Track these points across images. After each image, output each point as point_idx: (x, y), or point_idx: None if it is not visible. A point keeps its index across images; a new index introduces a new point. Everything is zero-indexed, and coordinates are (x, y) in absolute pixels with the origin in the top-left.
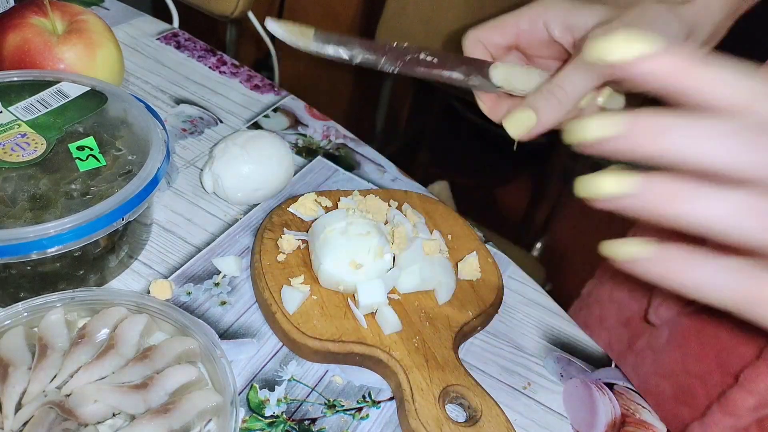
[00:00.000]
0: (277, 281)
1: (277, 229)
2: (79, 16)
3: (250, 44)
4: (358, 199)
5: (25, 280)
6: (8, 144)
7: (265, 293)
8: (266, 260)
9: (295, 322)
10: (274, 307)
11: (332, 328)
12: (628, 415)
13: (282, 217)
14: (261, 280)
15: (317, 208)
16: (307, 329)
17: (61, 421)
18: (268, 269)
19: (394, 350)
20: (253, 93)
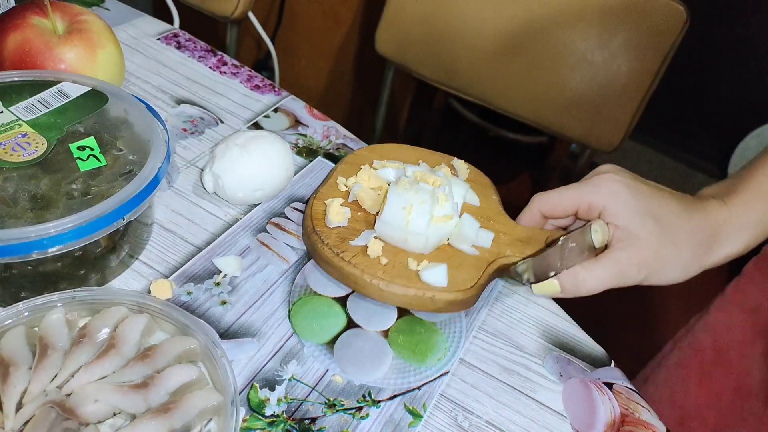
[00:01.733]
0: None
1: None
2: (79, 17)
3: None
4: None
5: (26, 279)
6: (9, 144)
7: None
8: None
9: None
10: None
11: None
12: (627, 414)
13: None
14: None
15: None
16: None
17: (62, 420)
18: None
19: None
20: (254, 93)
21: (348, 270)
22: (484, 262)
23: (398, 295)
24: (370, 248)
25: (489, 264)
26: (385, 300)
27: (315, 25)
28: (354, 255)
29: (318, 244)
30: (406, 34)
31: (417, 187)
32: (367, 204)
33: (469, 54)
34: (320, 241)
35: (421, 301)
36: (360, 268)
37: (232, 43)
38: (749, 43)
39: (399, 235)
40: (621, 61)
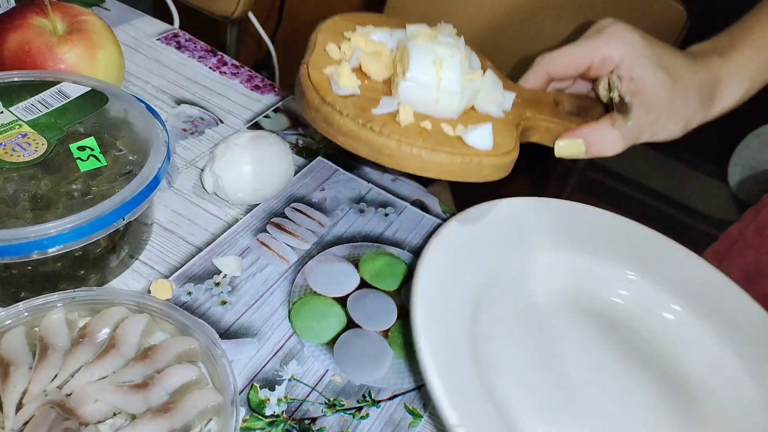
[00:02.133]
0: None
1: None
2: (79, 17)
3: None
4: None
5: (26, 279)
6: (9, 144)
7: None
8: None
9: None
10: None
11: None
12: None
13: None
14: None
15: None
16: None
17: (62, 420)
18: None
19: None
20: (254, 93)
21: (381, 141)
22: (512, 124)
23: (443, 164)
24: (401, 114)
25: (517, 126)
26: (426, 171)
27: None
28: (383, 124)
29: (334, 116)
30: None
31: (440, 40)
32: (372, 70)
33: None
34: (337, 113)
35: (468, 168)
36: (395, 137)
37: (232, 43)
38: None
39: (429, 96)
40: None
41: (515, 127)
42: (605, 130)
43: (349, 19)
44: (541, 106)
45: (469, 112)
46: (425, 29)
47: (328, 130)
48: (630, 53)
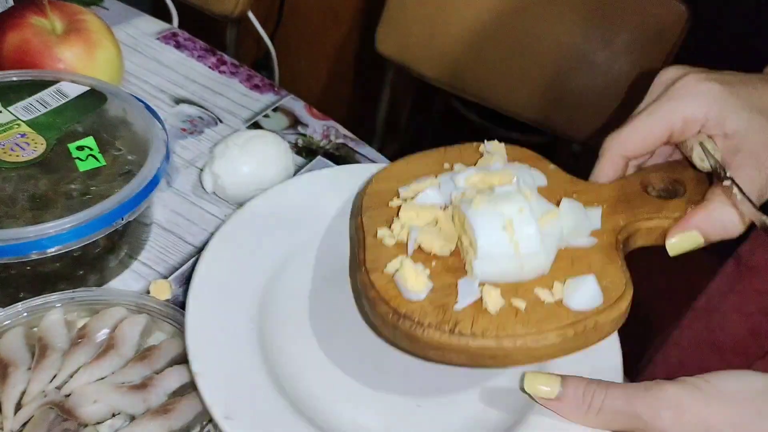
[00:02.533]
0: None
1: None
2: (78, 16)
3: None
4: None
5: (25, 280)
6: (8, 144)
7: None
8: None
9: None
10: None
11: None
12: None
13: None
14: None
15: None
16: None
17: (61, 421)
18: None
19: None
20: (253, 93)
21: (477, 345)
22: (611, 248)
23: (555, 346)
24: (487, 301)
25: (616, 247)
26: (539, 359)
27: (315, 25)
28: (472, 322)
29: (416, 330)
30: (407, 34)
31: (499, 194)
32: (437, 248)
33: (470, 54)
34: (418, 325)
35: (584, 338)
36: (491, 334)
37: (231, 42)
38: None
39: (511, 266)
40: (622, 60)
41: (616, 251)
42: (719, 211)
43: (384, 179)
44: (632, 202)
45: (561, 254)
46: (474, 175)
47: (415, 347)
48: (714, 106)
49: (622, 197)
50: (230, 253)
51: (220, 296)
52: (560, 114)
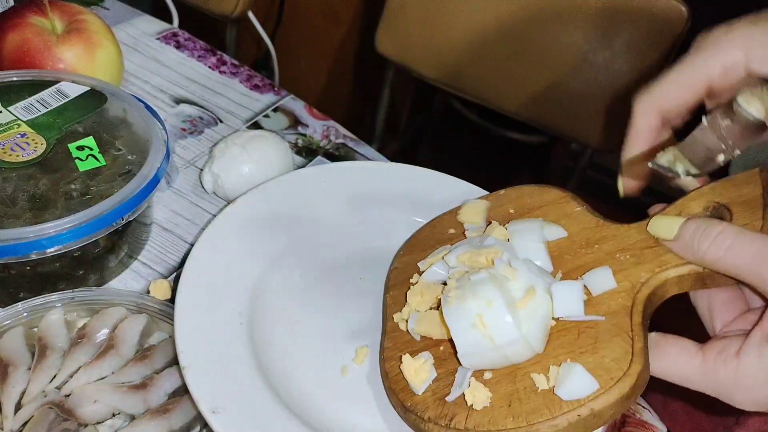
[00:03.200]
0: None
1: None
2: (78, 16)
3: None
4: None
5: (25, 280)
6: (8, 144)
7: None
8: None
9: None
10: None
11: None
12: (628, 415)
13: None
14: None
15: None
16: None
17: (61, 421)
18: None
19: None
20: (253, 93)
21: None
22: (623, 313)
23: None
24: (469, 398)
25: (630, 313)
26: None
27: (315, 25)
28: (467, 416)
29: (420, 424)
30: (406, 34)
31: (471, 286)
32: (436, 334)
33: (470, 54)
34: (419, 419)
35: (583, 425)
36: (483, 428)
37: (231, 42)
38: None
39: (494, 355)
40: (622, 60)
41: (628, 317)
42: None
43: (410, 250)
44: (663, 244)
45: (568, 326)
46: (464, 253)
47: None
48: (755, 43)
49: (650, 241)
50: (220, 248)
51: (210, 291)
52: (560, 114)
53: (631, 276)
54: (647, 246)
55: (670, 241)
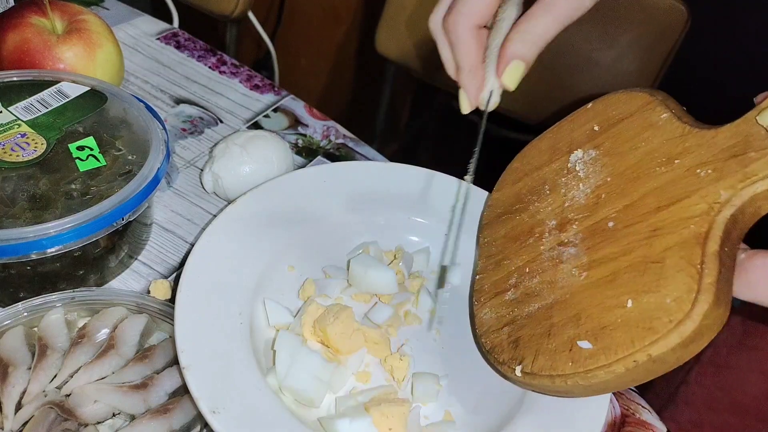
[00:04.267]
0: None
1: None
2: (78, 16)
3: (250, 44)
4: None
5: (25, 280)
6: (8, 144)
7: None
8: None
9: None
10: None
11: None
12: (628, 415)
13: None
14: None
15: None
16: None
17: (61, 421)
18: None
19: None
20: (253, 93)
21: (537, 384)
22: (693, 243)
23: (609, 381)
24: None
25: (704, 240)
26: (598, 392)
27: (315, 25)
28: (533, 359)
29: (501, 367)
30: (406, 34)
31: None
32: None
33: None
34: (500, 364)
35: (644, 370)
36: (546, 374)
37: (231, 42)
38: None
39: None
40: (624, 61)
41: (700, 246)
42: None
43: (507, 183)
44: (751, 152)
45: (637, 255)
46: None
47: (519, 384)
48: None
49: (738, 147)
50: (220, 248)
51: (210, 291)
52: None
53: (708, 196)
54: (732, 155)
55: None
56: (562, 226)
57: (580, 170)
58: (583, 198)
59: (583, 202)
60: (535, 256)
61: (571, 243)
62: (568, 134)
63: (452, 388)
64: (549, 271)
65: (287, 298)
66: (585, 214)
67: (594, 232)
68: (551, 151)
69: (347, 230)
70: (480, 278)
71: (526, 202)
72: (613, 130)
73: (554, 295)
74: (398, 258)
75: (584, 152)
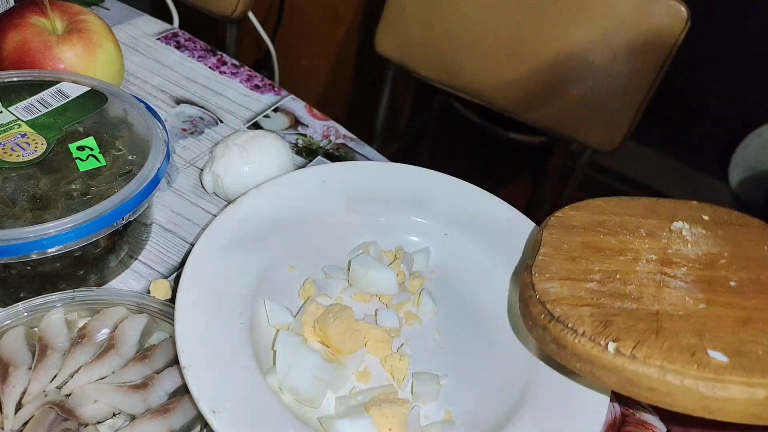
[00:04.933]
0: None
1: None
2: (78, 16)
3: (250, 44)
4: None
5: (25, 280)
6: (8, 144)
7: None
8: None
9: None
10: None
11: None
12: (628, 415)
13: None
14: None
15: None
16: None
17: (61, 421)
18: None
19: None
20: (253, 93)
21: (634, 371)
22: None
23: (737, 402)
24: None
25: None
26: (711, 412)
27: (315, 25)
28: (637, 343)
29: (568, 336)
30: (406, 34)
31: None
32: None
33: (470, 54)
34: (572, 332)
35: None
36: (656, 362)
37: (231, 42)
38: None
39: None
40: (622, 61)
41: None
42: None
43: (585, 208)
44: None
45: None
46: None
47: (562, 355)
48: None
49: None
50: (220, 248)
51: (210, 291)
52: (560, 114)
53: None
54: None
55: None
56: (665, 263)
57: (686, 235)
58: (692, 254)
59: (693, 257)
60: (629, 270)
61: (679, 278)
62: (670, 209)
63: (452, 388)
64: (650, 287)
65: (287, 298)
66: (697, 265)
67: (711, 282)
68: (649, 211)
69: (347, 230)
70: (543, 260)
71: (614, 232)
72: (727, 227)
73: (660, 306)
74: (399, 258)
75: (691, 226)
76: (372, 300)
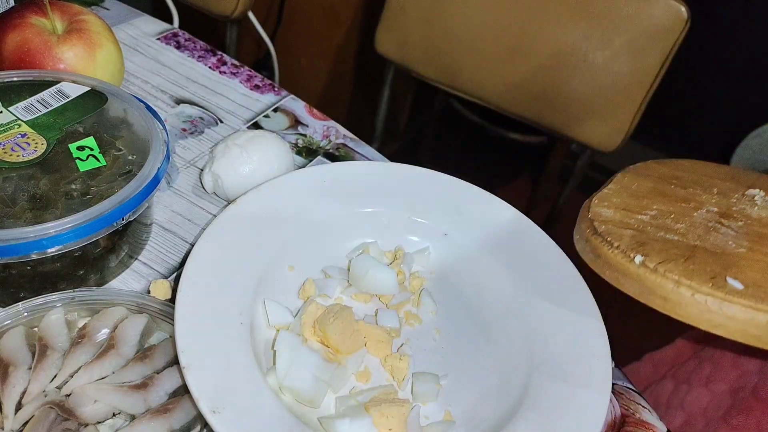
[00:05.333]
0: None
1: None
2: (79, 16)
3: (250, 44)
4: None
5: (26, 280)
6: (8, 144)
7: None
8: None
9: None
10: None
11: None
12: (628, 415)
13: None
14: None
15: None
16: None
17: (61, 421)
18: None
19: None
20: (253, 93)
21: (653, 280)
22: None
23: (739, 321)
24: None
25: None
26: (715, 328)
27: (315, 25)
28: (662, 260)
29: (603, 247)
30: (406, 34)
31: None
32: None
33: (470, 54)
34: (607, 244)
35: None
36: (673, 276)
37: (231, 42)
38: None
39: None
40: (622, 61)
41: None
42: None
43: (656, 168)
44: None
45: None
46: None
47: (596, 263)
48: None
49: None
50: (220, 248)
51: (210, 291)
52: (559, 114)
53: None
54: None
55: None
56: (724, 216)
57: (758, 200)
58: (755, 214)
59: (755, 216)
60: (685, 214)
61: (731, 228)
62: (753, 178)
63: (452, 388)
64: (699, 229)
65: (287, 298)
66: (755, 223)
67: (762, 237)
68: (729, 176)
69: (347, 230)
70: (608, 192)
71: (686, 186)
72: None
73: (701, 243)
74: (399, 258)
75: (766, 194)
76: (372, 300)
